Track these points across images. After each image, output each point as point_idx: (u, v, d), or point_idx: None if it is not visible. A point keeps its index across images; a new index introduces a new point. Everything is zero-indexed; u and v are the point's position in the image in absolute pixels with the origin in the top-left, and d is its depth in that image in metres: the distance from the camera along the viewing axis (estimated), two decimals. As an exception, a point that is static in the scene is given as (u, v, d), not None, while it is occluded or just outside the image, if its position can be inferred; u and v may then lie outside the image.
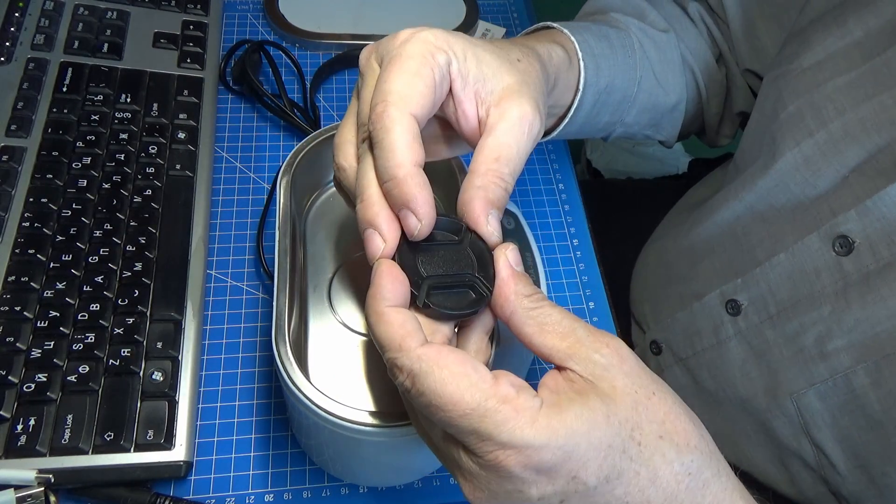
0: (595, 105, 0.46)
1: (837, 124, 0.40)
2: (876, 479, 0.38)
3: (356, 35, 0.62)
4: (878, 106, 0.39)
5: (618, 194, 0.82)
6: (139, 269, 0.43)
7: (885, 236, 0.37)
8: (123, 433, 0.38)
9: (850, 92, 0.40)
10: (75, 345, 0.40)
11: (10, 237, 0.43)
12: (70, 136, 0.48)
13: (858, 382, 0.38)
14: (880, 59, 0.39)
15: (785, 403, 0.42)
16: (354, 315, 0.39)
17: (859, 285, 0.38)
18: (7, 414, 0.38)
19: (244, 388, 0.44)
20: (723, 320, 0.46)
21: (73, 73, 0.52)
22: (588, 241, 0.54)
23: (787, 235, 0.43)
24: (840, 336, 0.39)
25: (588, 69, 0.44)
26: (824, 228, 0.40)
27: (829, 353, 0.39)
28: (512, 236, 0.41)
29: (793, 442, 0.42)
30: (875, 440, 0.38)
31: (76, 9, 0.55)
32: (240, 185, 0.52)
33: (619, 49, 0.47)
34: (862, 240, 0.38)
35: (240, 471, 0.41)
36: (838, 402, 0.39)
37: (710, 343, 0.47)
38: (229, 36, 0.61)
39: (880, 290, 0.37)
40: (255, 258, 0.49)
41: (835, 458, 0.40)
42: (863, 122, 0.39)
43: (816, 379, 0.40)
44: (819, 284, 0.40)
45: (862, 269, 0.38)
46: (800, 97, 0.42)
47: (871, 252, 0.38)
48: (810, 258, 0.41)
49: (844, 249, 0.39)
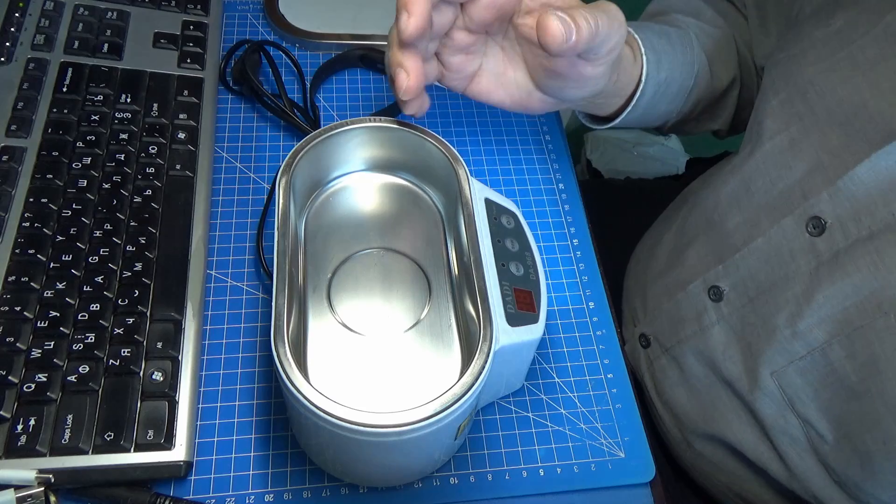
0: (655, 95, 0.51)
1: (820, 107, 0.42)
2: (858, 447, 0.39)
3: (356, 35, 0.62)
4: (853, 88, 0.40)
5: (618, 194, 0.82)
6: (139, 269, 0.43)
7: (854, 214, 0.39)
8: (123, 433, 0.38)
9: (829, 75, 0.42)
10: (75, 345, 0.40)
11: (10, 237, 0.43)
12: (70, 137, 0.48)
13: (835, 356, 0.39)
14: (856, 45, 0.41)
15: (767, 383, 0.43)
16: (354, 315, 0.39)
17: (829, 263, 0.40)
18: (7, 414, 0.38)
19: (244, 388, 0.44)
20: (706, 307, 0.47)
21: (73, 74, 0.52)
22: (588, 241, 0.54)
23: (762, 220, 0.44)
24: (811, 313, 0.40)
25: (650, 62, 0.49)
26: (798, 211, 0.42)
27: (801, 330, 0.41)
28: (512, 236, 0.41)
29: (779, 419, 0.43)
30: (855, 410, 0.39)
31: (76, 9, 0.55)
32: (240, 185, 0.52)
33: (678, 45, 0.52)
34: (833, 220, 0.40)
35: (240, 471, 0.41)
36: (818, 376, 0.41)
37: (693, 330, 0.48)
38: (229, 36, 0.61)
39: (846, 267, 0.39)
40: (255, 258, 0.49)
41: (822, 430, 0.41)
42: (840, 103, 0.41)
43: (794, 356, 0.41)
44: (794, 265, 0.42)
45: (833, 248, 0.40)
46: (788, 83, 0.44)
47: (841, 231, 0.39)
48: (786, 241, 0.42)
49: (817, 230, 0.41)
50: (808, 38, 0.45)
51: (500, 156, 0.57)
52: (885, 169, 0.38)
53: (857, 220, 0.39)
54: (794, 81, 0.44)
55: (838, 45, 0.42)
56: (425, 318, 0.40)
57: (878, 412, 0.37)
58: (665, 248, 0.55)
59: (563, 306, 0.50)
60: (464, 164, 0.41)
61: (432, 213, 0.44)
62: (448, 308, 0.40)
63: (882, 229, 0.38)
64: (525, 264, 0.40)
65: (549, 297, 0.50)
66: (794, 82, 0.44)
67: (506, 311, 0.37)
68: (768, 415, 0.44)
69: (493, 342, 0.34)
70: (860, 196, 0.39)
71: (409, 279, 0.41)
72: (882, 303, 0.37)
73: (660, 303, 0.52)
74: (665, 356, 0.51)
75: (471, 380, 0.33)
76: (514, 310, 0.37)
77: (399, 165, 0.45)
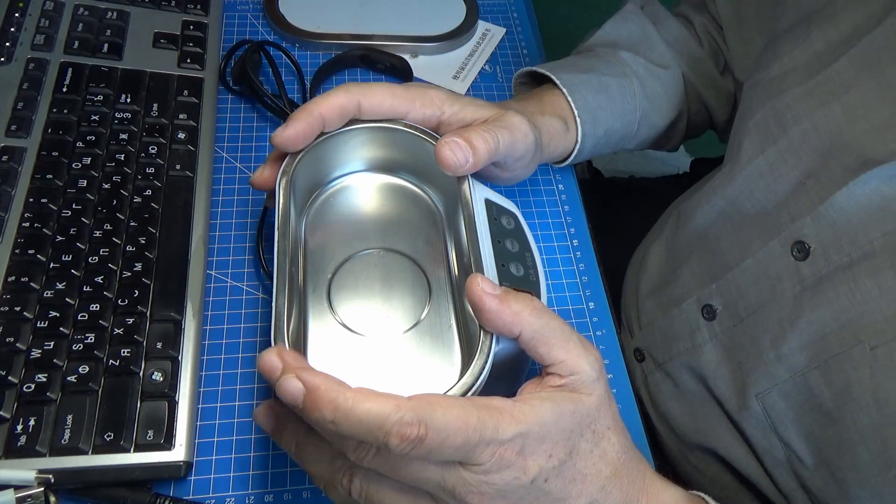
0: (595, 147, 0.54)
1: (796, 131, 0.42)
2: (835, 473, 0.39)
3: (356, 35, 0.62)
4: (828, 114, 0.40)
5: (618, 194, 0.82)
6: (139, 269, 0.43)
7: (836, 241, 0.39)
8: (123, 433, 0.38)
9: (806, 100, 0.42)
10: (75, 345, 0.40)
11: (10, 237, 0.43)
12: (70, 137, 0.48)
13: (814, 381, 0.39)
14: (833, 68, 0.41)
15: (752, 404, 0.43)
16: (354, 315, 0.39)
17: (812, 289, 0.40)
18: (7, 414, 0.38)
19: (244, 388, 0.44)
20: (699, 325, 0.47)
21: (73, 74, 0.52)
22: (588, 241, 0.54)
23: (753, 241, 0.44)
24: (794, 338, 0.40)
25: (585, 123, 0.51)
26: (784, 234, 0.42)
27: (784, 354, 0.41)
28: (512, 236, 0.41)
29: (763, 441, 0.43)
30: (833, 436, 0.39)
31: (76, 9, 0.55)
32: (240, 185, 0.52)
33: (617, 98, 0.54)
34: (817, 245, 0.40)
35: (240, 471, 0.41)
36: (799, 401, 0.41)
37: (686, 347, 0.49)
38: (229, 36, 0.61)
39: (827, 294, 0.39)
40: (255, 258, 0.49)
41: (802, 454, 0.41)
42: (816, 129, 0.41)
43: (778, 379, 0.41)
44: (780, 288, 0.42)
45: (816, 273, 0.40)
46: (764, 105, 0.44)
47: (824, 257, 0.39)
48: (773, 263, 0.42)
49: (801, 254, 0.41)
50: (787, 57, 0.45)
51: (501, 156, 0.57)
52: (863, 197, 0.38)
53: (838, 246, 0.39)
54: (771, 105, 0.44)
55: (817, 67, 0.42)
56: (425, 319, 0.40)
57: (852, 439, 0.37)
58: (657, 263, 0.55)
59: (563, 307, 0.50)
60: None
61: (432, 213, 0.44)
62: (448, 308, 0.40)
63: (860, 257, 0.38)
64: (525, 265, 0.40)
65: (549, 298, 0.50)
66: (772, 105, 0.44)
67: (506, 311, 0.37)
68: (754, 435, 0.44)
69: (494, 342, 0.34)
70: (840, 223, 0.39)
71: (410, 280, 0.41)
72: (858, 332, 0.37)
73: (654, 318, 0.52)
74: (658, 371, 0.51)
75: (471, 380, 0.33)
76: (514, 310, 0.37)
77: (399, 166, 0.45)
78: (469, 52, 0.64)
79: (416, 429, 0.28)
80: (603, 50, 0.57)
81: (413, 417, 0.28)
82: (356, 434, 0.29)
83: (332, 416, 0.28)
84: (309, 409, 0.29)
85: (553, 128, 0.49)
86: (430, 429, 0.28)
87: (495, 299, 0.33)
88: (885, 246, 0.37)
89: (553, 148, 0.50)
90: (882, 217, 0.37)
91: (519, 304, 0.33)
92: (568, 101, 0.51)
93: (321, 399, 0.29)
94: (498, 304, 0.33)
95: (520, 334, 0.33)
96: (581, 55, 0.57)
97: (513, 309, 0.33)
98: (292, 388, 0.29)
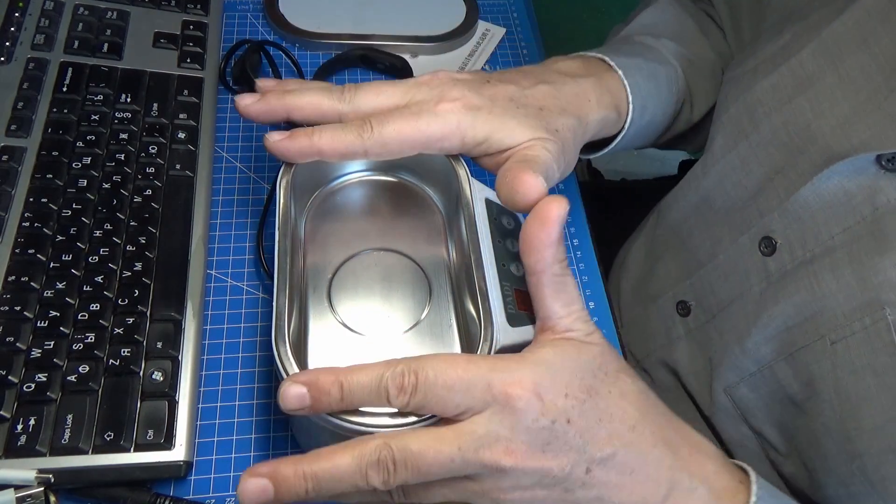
0: (635, 136, 0.50)
1: (766, 126, 0.42)
2: (806, 462, 0.40)
3: (356, 35, 0.62)
4: (797, 109, 0.40)
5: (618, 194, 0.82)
6: (139, 269, 0.43)
7: (800, 236, 0.39)
8: (123, 433, 0.38)
9: (774, 94, 0.42)
10: (75, 345, 0.40)
11: (10, 237, 0.43)
12: (70, 136, 0.48)
13: (782, 373, 0.40)
14: (796, 59, 0.41)
15: (721, 399, 0.43)
16: (354, 315, 0.39)
17: (777, 284, 0.40)
18: (7, 414, 0.38)
19: (244, 388, 0.44)
20: (674, 321, 0.48)
21: (73, 73, 0.52)
22: (588, 241, 0.54)
23: (724, 237, 0.44)
24: (757, 332, 0.41)
25: (635, 110, 0.47)
26: (753, 230, 0.42)
27: (749, 348, 0.41)
28: (512, 237, 0.41)
29: (734, 433, 0.44)
30: (802, 425, 0.39)
31: (76, 9, 0.55)
32: (240, 185, 0.52)
33: (664, 86, 0.50)
34: (783, 240, 0.40)
35: (240, 471, 0.41)
36: (768, 391, 0.41)
37: (662, 343, 0.49)
38: (229, 36, 0.61)
39: (788, 288, 0.39)
40: (255, 258, 0.49)
41: (774, 441, 0.42)
42: (785, 124, 0.41)
43: (745, 372, 0.42)
44: (748, 284, 0.42)
45: (781, 269, 0.40)
46: (737, 100, 0.44)
47: (789, 252, 0.40)
48: (742, 259, 0.43)
49: (769, 250, 0.41)
50: (760, 52, 0.44)
51: (501, 156, 0.57)
52: (826, 192, 0.38)
53: (802, 241, 0.39)
54: (743, 99, 0.44)
55: (781, 59, 0.42)
56: (425, 319, 0.40)
57: (819, 430, 0.38)
58: (637, 260, 0.55)
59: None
60: (464, 165, 0.41)
61: (432, 213, 0.44)
62: (448, 308, 0.40)
63: (821, 253, 0.38)
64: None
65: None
66: (744, 100, 0.44)
67: (506, 311, 0.37)
68: (724, 429, 0.44)
69: (494, 342, 0.34)
70: (805, 218, 0.39)
71: (410, 279, 0.41)
72: (819, 326, 0.38)
73: (634, 314, 0.53)
74: (637, 368, 0.52)
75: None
76: (515, 310, 0.37)
77: (399, 165, 0.45)
78: (469, 52, 0.64)
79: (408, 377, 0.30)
80: (642, 38, 0.53)
81: (404, 368, 0.31)
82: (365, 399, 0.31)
83: (340, 392, 0.30)
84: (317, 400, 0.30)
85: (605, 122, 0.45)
86: (420, 373, 0.30)
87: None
88: (844, 241, 0.37)
89: (606, 130, 0.46)
90: (843, 212, 0.38)
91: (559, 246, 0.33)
92: (624, 86, 0.46)
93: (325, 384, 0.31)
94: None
95: (543, 258, 0.33)
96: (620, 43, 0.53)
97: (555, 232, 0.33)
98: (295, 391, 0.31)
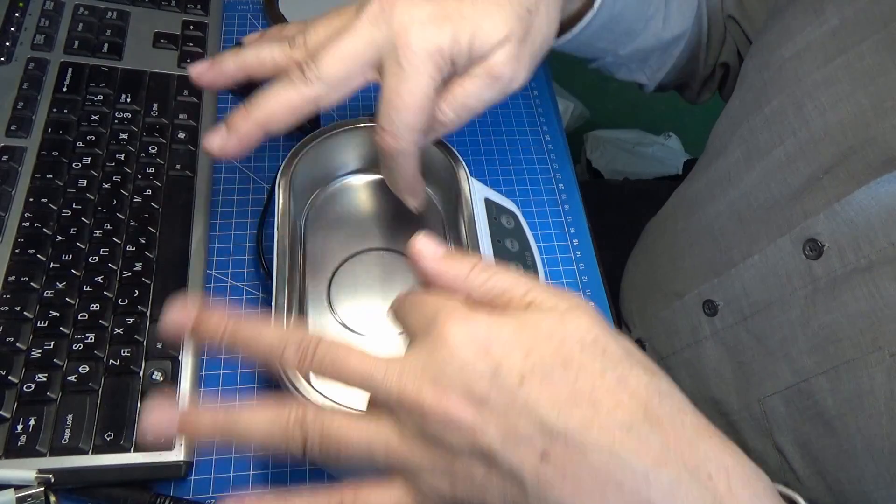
0: (602, 28, 0.48)
1: (819, 123, 0.40)
2: (832, 486, 0.38)
3: (356, 35, 0.61)
4: (856, 107, 0.38)
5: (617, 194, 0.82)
6: (139, 269, 0.43)
7: (853, 241, 0.37)
8: (123, 433, 0.38)
9: (828, 88, 0.39)
10: (75, 345, 0.40)
11: (10, 237, 0.43)
12: (70, 136, 0.48)
13: (819, 387, 0.38)
14: (854, 52, 0.39)
15: (753, 406, 0.42)
16: (354, 315, 0.39)
17: (826, 290, 0.38)
18: (7, 414, 0.38)
19: (244, 388, 0.44)
20: (700, 320, 0.46)
21: (73, 73, 0.52)
22: (588, 241, 0.54)
23: (761, 237, 0.42)
24: (804, 340, 0.38)
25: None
26: (796, 231, 0.39)
27: (793, 357, 0.39)
28: (512, 236, 0.41)
29: (758, 445, 0.42)
30: (830, 447, 0.37)
31: (76, 9, 0.55)
32: (240, 185, 0.52)
33: None
34: (831, 244, 0.38)
35: (240, 471, 0.41)
36: (800, 407, 0.39)
37: (687, 342, 0.47)
38: (229, 36, 0.61)
39: (843, 296, 0.37)
40: (255, 258, 0.49)
41: (794, 463, 0.40)
42: (841, 123, 0.39)
43: (782, 383, 0.40)
44: (790, 288, 0.40)
45: (830, 274, 0.38)
46: (782, 92, 0.42)
47: (839, 257, 0.37)
48: (782, 261, 0.40)
49: (814, 253, 0.38)
50: (800, 36, 0.42)
51: (500, 156, 0.57)
52: (886, 196, 0.35)
53: (856, 247, 0.37)
54: (790, 91, 0.41)
55: (835, 50, 0.40)
56: (425, 319, 0.40)
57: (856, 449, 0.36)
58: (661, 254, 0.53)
59: (563, 306, 0.50)
60: (464, 165, 0.41)
61: (432, 213, 0.44)
62: (448, 308, 0.40)
63: (880, 260, 0.35)
64: (525, 264, 0.40)
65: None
66: (791, 93, 0.41)
67: (506, 311, 0.37)
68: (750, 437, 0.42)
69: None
70: (859, 222, 0.36)
71: (410, 279, 0.41)
72: (877, 337, 0.35)
73: (657, 310, 0.51)
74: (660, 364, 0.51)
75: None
76: (514, 310, 0.37)
77: (399, 165, 0.45)
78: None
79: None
80: None
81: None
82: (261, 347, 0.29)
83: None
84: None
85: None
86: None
87: (437, 261, 0.30)
88: None
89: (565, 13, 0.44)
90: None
91: (462, 265, 0.29)
92: None
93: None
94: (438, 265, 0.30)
95: (457, 281, 0.29)
96: None
97: (453, 271, 0.29)
98: (175, 316, 0.29)
